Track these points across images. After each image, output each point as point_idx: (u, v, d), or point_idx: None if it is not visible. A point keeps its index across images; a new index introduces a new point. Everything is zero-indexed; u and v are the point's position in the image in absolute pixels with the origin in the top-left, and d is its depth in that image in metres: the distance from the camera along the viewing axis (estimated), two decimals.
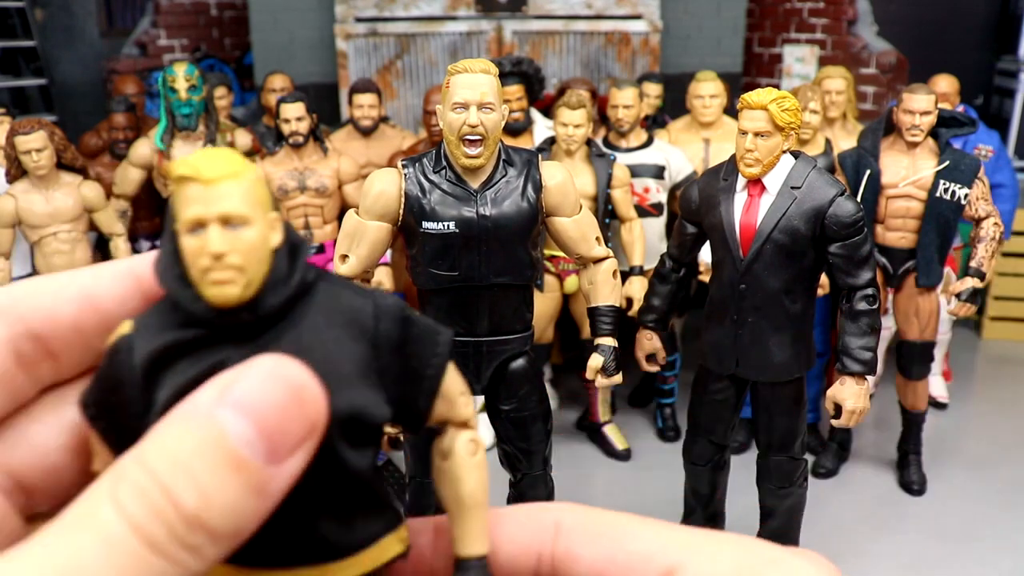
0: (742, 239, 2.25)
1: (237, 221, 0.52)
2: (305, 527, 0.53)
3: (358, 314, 0.57)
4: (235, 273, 0.51)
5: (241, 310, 0.52)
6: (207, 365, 0.51)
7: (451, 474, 0.63)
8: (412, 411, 0.59)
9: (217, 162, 0.52)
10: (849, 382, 2.22)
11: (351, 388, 0.54)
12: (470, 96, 1.91)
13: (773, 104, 2.13)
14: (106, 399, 0.54)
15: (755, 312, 2.27)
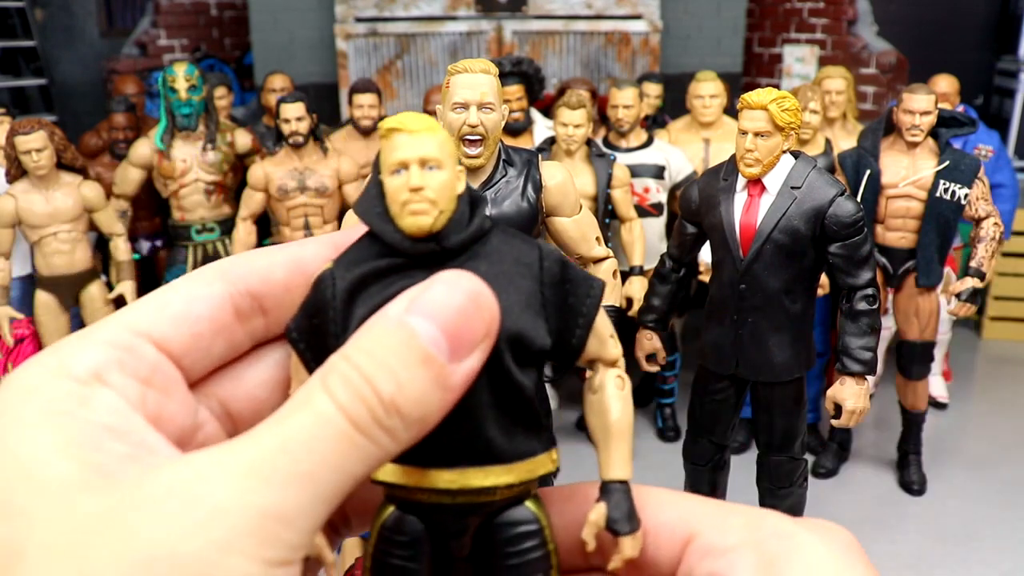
0: (742, 239, 2.25)
1: (433, 163, 0.64)
2: (474, 431, 0.62)
3: (526, 256, 0.67)
4: (429, 205, 0.63)
5: (430, 240, 0.64)
6: (397, 288, 0.62)
7: (600, 406, 0.72)
8: (568, 345, 0.68)
9: (419, 119, 0.65)
10: (849, 382, 2.22)
11: (519, 314, 0.64)
12: (470, 96, 1.91)
13: (773, 104, 2.13)
14: (309, 324, 0.64)
15: (755, 312, 2.27)
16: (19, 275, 3.53)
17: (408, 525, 0.66)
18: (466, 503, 0.65)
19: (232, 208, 3.71)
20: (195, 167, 3.60)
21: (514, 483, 0.65)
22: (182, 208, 3.65)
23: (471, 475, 0.64)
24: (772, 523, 0.49)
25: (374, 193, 0.67)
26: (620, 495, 0.71)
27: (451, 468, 0.63)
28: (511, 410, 0.64)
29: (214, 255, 3.72)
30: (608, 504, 0.70)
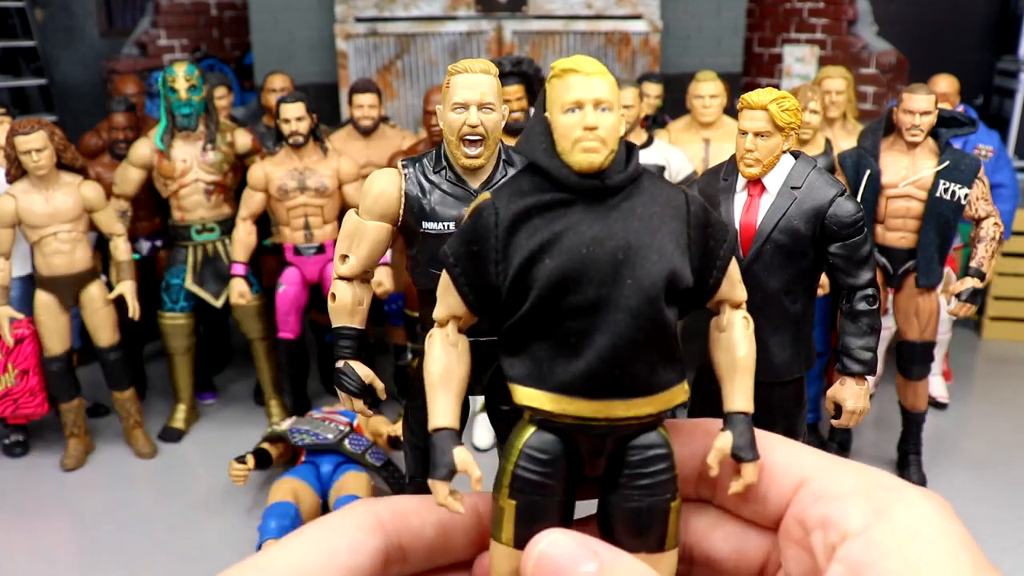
0: (742, 239, 2.24)
1: (605, 105, 0.69)
2: (623, 369, 0.68)
3: (675, 199, 0.72)
4: (600, 144, 0.67)
5: (594, 177, 0.68)
6: (561, 224, 0.67)
7: (727, 343, 0.83)
8: (705, 285, 0.75)
9: (591, 62, 0.70)
10: (849, 382, 2.22)
11: (672, 254, 0.69)
12: (470, 96, 1.91)
13: (773, 104, 2.13)
14: (467, 249, 0.72)
15: (755, 312, 2.22)
16: (19, 275, 3.54)
17: (549, 445, 0.70)
18: (606, 427, 0.69)
19: (232, 208, 3.71)
20: (195, 167, 3.60)
21: (653, 413, 0.70)
22: (182, 208, 3.65)
23: (616, 406, 0.68)
24: (881, 477, 0.52)
25: (539, 130, 0.71)
26: (744, 425, 0.80)
27: (598, 399, 0.68)
28: (656, 347, 0.69)
29: (214, 255, 3.72)
30: (733, 433, 0.79)
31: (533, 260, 0.68)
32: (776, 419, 2.40)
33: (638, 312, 0.67)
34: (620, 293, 0.67)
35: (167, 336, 3.75)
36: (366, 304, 2.07)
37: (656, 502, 0.71)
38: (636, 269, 0.67)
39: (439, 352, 0.77)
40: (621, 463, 0.72)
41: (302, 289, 3.60)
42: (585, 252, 0.67)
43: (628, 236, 0.68)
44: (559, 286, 0.67)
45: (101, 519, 3.19)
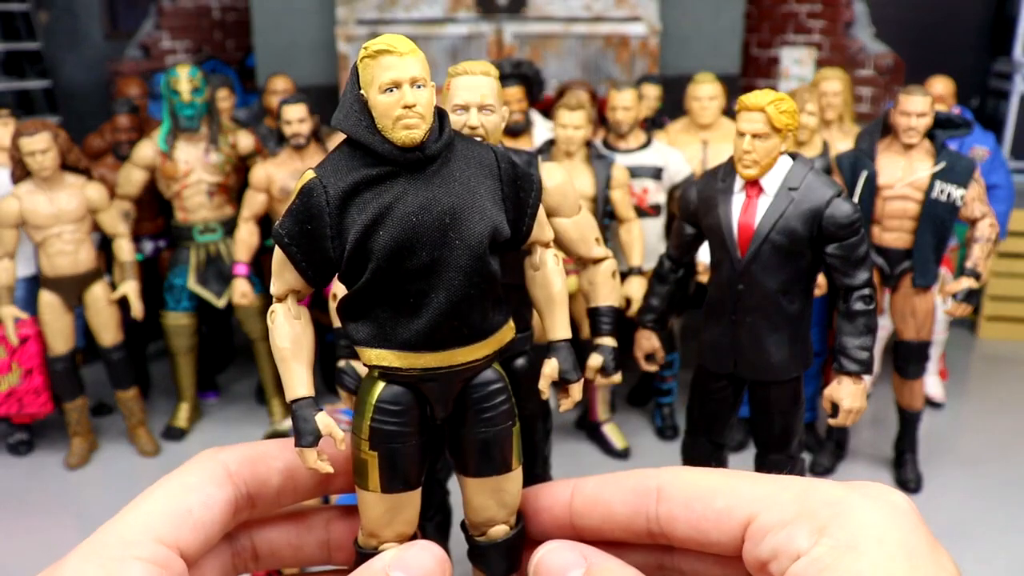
0: (740, 240, 2.26)
1: (420, 82, 0.73)
2: (461, 321, 0.75)
3: (486, 158, 0.78)
4: (420, 119, 0.73)
5: (415, 150, 0.73)
6: (389, 196, 0.73)
7: (543, 279, 0.88)
8: (520, 233, 0.81)
9: (403, 41, 0.73)
10: (846, 381, 2.23)
11: (491, 212, 0.75)
12: (470, 98, 1.93)
13: (771, 106, 2.15)
14: (301, 228, 0.75)
15: (753, 312, 2.29)
16: (24, 275, 3.56)
17: (400, 396, 0.78)
18: (449, 373, 0.77)
19: (234, 209, 3.74)
20: (198, 168, 3.62)
21: (490, 353, 0.78)
22: (185, 209, 3.68)
23: (457, 354, 0.76)
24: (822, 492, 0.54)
25: (357, 109, 0.75)
26: (566, 351, 0.90)
27: (441, 351, 0.75)
28: (487, 296, 0.77)
29: (216, 255, 3.75)
30: (559, 359, 0.90)
31: (368, 233, 0.73)
32: (774, 418, 2.42)
33: (469, 269, 0.74)
34: (451, 254, 0.73)
35: (170, 336, 3.77)
36: None
37: (500, 431, 0.79)
38: (462, 230, 0.74)
39: (284, 326, 0.82)
40: (465, 401, 0.79)
41: None
42: (415, 220, 0.73)
43: (451, 200, 0.74)
44: (395, 254, 0.73)
45: (105, 517, 3.18)
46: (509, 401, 0.80)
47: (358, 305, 0.78)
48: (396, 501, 0.77)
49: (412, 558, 0.64)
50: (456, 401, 0.80)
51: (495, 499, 0.80)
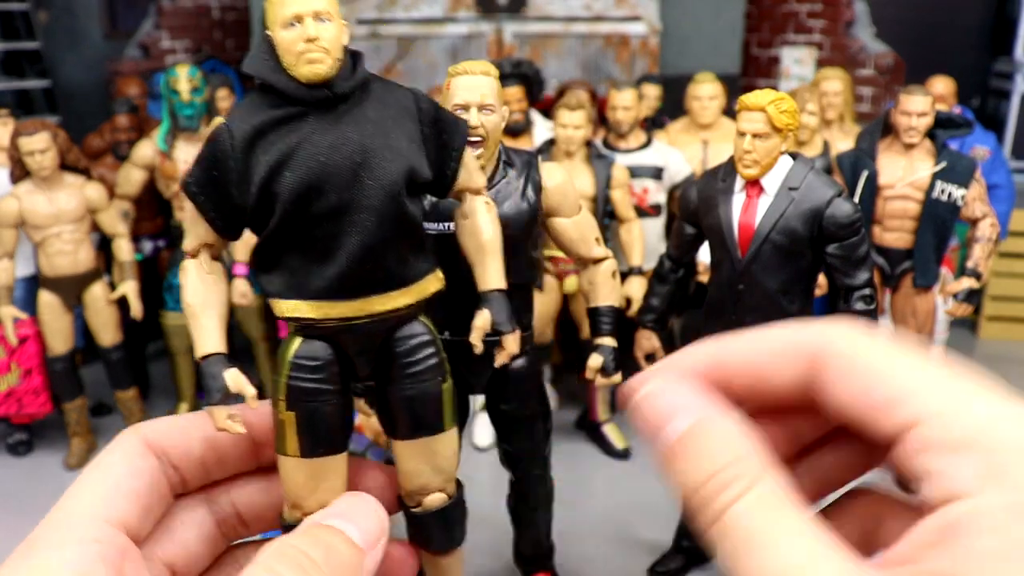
0: (740, 240, 2.26)
1: (325, 16, 0.70)
2: (375, 265, 0.71)
3: (405, 99, 0.74)
4: (324, 54, 0.70)
5: (322, 87, 0.70)
6: (295, 136, 0.69)
7: (473, 227, 0.85)
8: (444, 177, 0.76)
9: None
10: None
11: (408, 151, 0.72)
12: (470, 98, 1.93)
13: (771, 106, 2.14)
14: (207, 175, 0.71)
15: (753, 312, 2.28)
16: (23, 275, 3.56)
17: (318, 351, 0.73)
18: (368, 324, 0.72)
19: None
20: None
21: (411, 303, 0.74)
22: (184, 208, 3.66)
23: (374, 302, 0.72)
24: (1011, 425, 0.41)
25: (263, 48, 0.72)
26: (500, 301, 0.90)
27: (356, 298, 0.71)
28: (405, 239, 0.73)
29: None
30: (491, 310, 0.89)
31: (273, 175, 0.70)
32: None
33: (382, 209, 0.70)
34: (362, 194, 0.70)
35: (169, 336, 3.77)
36: None
37: (427, 387, 0.75)
38: (374, 169, 0.70)
39: (195, 281, 0.78)
40: (390, 356, 0.75)
41: None
42: (323, 160, 0.69)
43: (363, 139, 0.70)
44: (302, 196, 0.69)
45: None
46: (438, 356, 0.76)
47: (269, 254, 0.74)
48: (318, 467, 0.71)
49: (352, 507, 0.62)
50: (380, 357, 0.75)
51: (428, 463, 0.76)
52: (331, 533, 0.59)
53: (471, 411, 2.86)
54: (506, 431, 2.26)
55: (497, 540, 2.74)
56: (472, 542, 2.99)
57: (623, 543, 2.91)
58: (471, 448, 3.54)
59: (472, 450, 3.54)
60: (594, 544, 2.89)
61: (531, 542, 2.49)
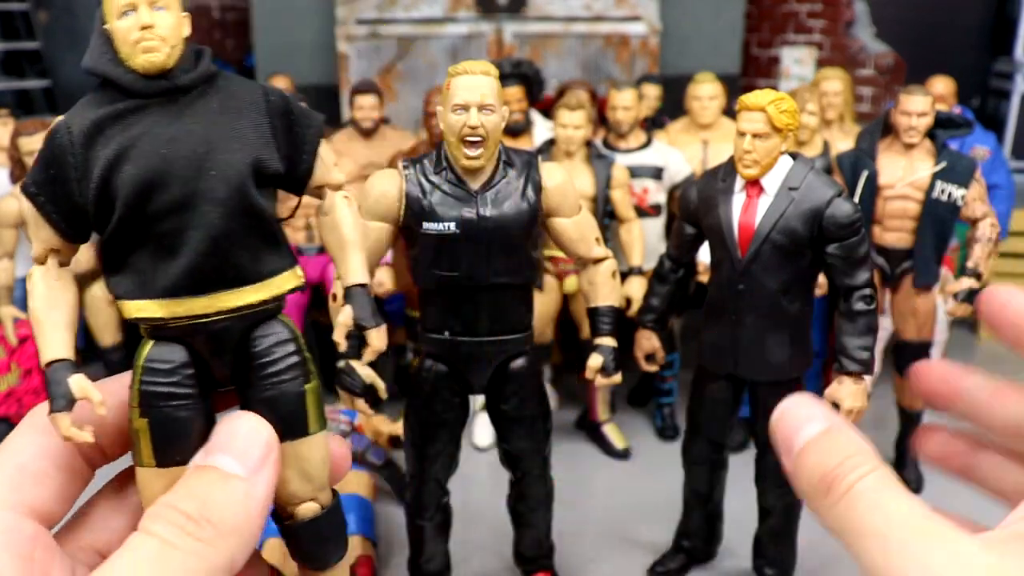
0: (740, 239, 2.26)
1: (161, 4, 0.69)
2: (223, 260, 0.68)
3: (253, 94, 0.73)
4: (160, 42, 0.68)
5: (162, 78, 0.68)
6: (137, 129, 0.67)
7: (333, 223, 0.81)
8: (298, 171, 0.75)
9: None
10: (847, 381, 2.23)
11: (255, 143, 0.70)
12: (470, 97, 1.93)
13: (771, 106, 2.14)
14: (47, 175, 0.69)
15: (753, 312, 2.28)
16: (23, 275, 3.56)
17: (169, 353, 0.70)
18: (220, 322, 0.70)
19: None
20: None
21: (266, 299, 0.71)
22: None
23: (224, 298, 0.69)
24: None
25: (101, 42, 0.70)
26: (362, 297, 0.83)
27: (205, 294, 0.68)
28: (255, 233, 0.70)
29: None
30: (354, 306, 0.82)
31: (112, 169, 0.68)
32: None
33: (228, 202, 0.68)
34: (206, 186, 0.68)
35: None
36: None
37: (288, 387, 0.71)
38: (219, 161, 0.68)
39: (41, 288, 0.75)
40: (247, 357, 0.72)
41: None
42: (164, 152, 0.67)
43: (207, 131, 0.69)
44: (143, 190, 0.67)
45: None
46: (299, 355, 0.72)
47: (114, 254, 0.71)
48: (176, 476, 0.66)
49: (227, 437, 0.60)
50: (237, 358, 0.72)
51: (295, 469, 0.71)
52: (207, 478, 0.58)
53: (471, 411, 2.86)
54: (506, 431, 2.26)
55: (497, 540, 2.74)
56: (472, 542, 2.99)
57: (623, 543, 2.90)
58: (471, 448, 3.54)
59: (472, 450, 3.53)
60: (594, 544, 2.89)
61: (531, 542, 2.49)
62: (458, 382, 2.17)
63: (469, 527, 2.82)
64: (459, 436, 2.27)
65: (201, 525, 0.54)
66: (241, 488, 0.58)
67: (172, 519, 0.53)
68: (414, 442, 2.24)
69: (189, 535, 0.53)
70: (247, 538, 0.57)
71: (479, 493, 3.14)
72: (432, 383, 2.16)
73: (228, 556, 0.54)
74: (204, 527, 0.54)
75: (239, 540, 0.55)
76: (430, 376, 2.16)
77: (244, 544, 0.56)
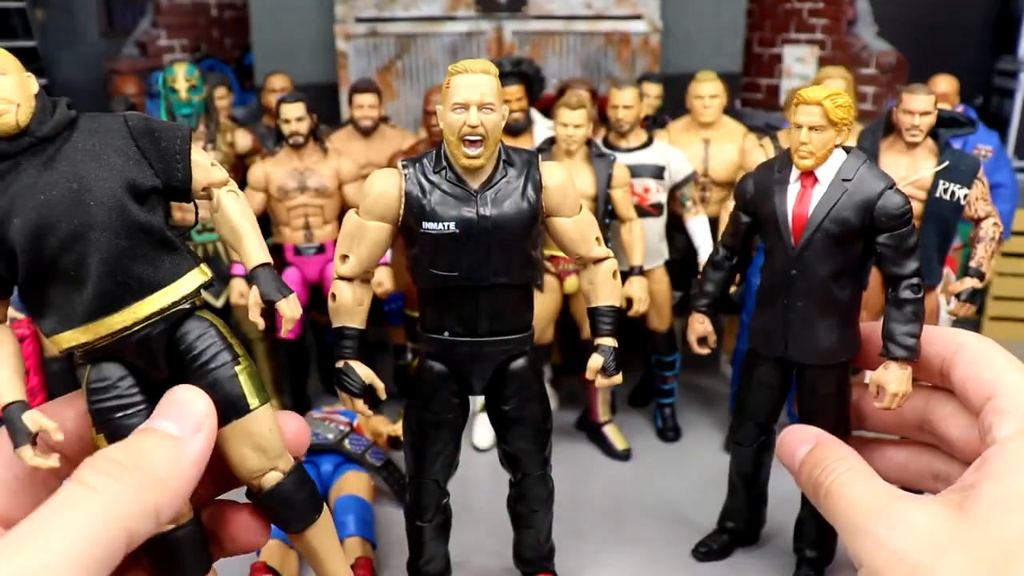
0: (794, 228, 2.36)
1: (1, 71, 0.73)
2: (125, 276, 0.75)
3: (113, 123, 0.78)
4: (7, 104, 0.73)
5: (23, 135, 0.74)
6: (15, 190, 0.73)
7: (223, 216, 0.88)
8: (178, 181, 0.82)
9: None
10: (893, 366, 2.29)
11: (122, 168, 0.76)
12: (470, 96, 1.91)
13: (828, 100, 2.27)
14: None
15: (804, 298, 2.37)
16: None
17: (106, 370, 0.78)
18: (141, 331, 0.77)
19: None
20: None
21: (176, 300, 0.78)
22: (182, 208, 3.65)
23: (136, 309, 0.76)
24: None
25: None
26: (265, 275, 0.90)
27: (118, 311, 0.75)
28: (147, 245, 0.78)
29: (214, 255, 3.73)
30: (259, 284, 0.90)
31: (4, 227, 0.74)
32: (821, 402, 2.48)
33: (112, 224, 0.75)
34: (89, 216, 0.74)
35: None
36: (366, 304, 2.07)
37: (218, 373, 0.78)
38: (93, 191, 0.75)
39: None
40: (177, 356, 0.79)
41: (302, 289, 3.60)
42: (43, 198, 0.74)
43: (77, 169, 0.75)
44: (35, 236, 0.74)
45: None
46: (223, 341, 0.80)
47: (33, 298, 0.78)
48: None
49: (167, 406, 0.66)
50: (170, 359, 0.79)
51: (248, 445, 0.78)
52: (144, 435, 0.64)
53: (471, 411, 2.85)
54: (506, 432, 2.24)
55: (497, 541, 2.73)
56: (472, 543, 2.98)
57: (624, 544, 2.89)
58: (471, 449, 3.53)
59: (472, 450, 3.52)
60: (594, 544, 2.87)
61: (531, 543, 2.47)
62: (458, 383, 2.16)
63: (469, 528, 2.80)
64: (459, 437, 2.25)
65: (130, 472, 0.58)
66: (174, 445, 0.64)
67: (102, 468, 0.58)
68: (413, 443, 2.23)
69: (116, 480, 0.57)
70: (175, 492, 0.61)
71: (479, 494, 3.12)
72: (432, 384, 2.14)
73: (152, 505, 0.58)
74: (133, 473, 0.58)
75: (166, 492, 0.60)
76: (429, 377, 2.14)
77: (171, 497, 0.60)
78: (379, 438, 3.31)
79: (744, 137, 3.70)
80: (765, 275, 2.49)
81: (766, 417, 2.62)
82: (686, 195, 3.55)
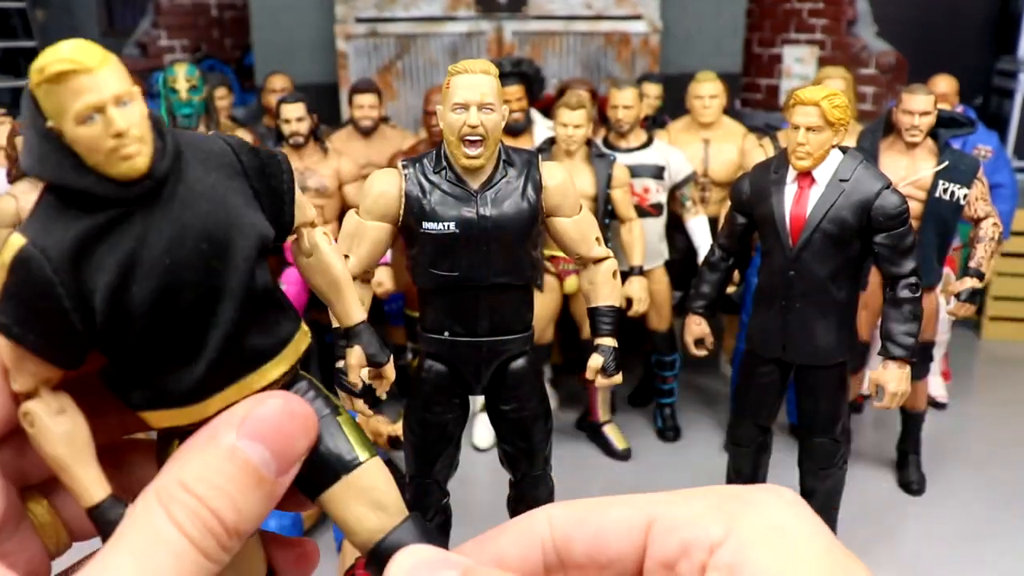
0: (792, 228, 2.36)
1: (126, 97, 0.56)
2: (245, 347, 0.63)
3: (223, 156, 0.64)
4: (139, 144, 0.57)
5: (145, 178, 0.57)
6: (128, 245, 0.58)
7: (321, 264, 0.77)
8: (283, 225, 0.70)
9: (90, 51, 0.55)
10: (892, 366, 2.32)
11: (250, 218, 0.63)
12: (470, 96, 1.91)
13: (825, 101, 2.26)
14: (30, 310, 0.58)
15: (803, 298, 2.38)
16: None
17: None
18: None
19: None
20: None
21: (286, 370, 0.66)
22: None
23: (251, 382, 0.64)
24: (723, 490, 0.51)
25: (53, 147, 0.57)
26: (367, 333, 0.82)
27: (229, 387, 0.62)
28: (264, 309, 0.65)
29: None
30: (363, 344, 0.81)
31: (117, 295, 0.59)
32: (820, 402, 2.48)
33: (239, 292, 0.62)
34: (218, 283, 0.61)
35: None
36: (366, 304, 2.07)
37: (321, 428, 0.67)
38: (225, 254, 0.61)
39: (50, 430, 0.64)
40: None
41: (302, 289, 3.60)
42: (168, 263, 0.59)
43: (203, 223, 0.60)
44: (156, 307, 0.59)
45: None
46: (319, 394, 0.68)
47: (127, 370, 0.64)
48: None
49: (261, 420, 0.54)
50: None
51: (364, 503, 0.67)
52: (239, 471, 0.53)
53: (471, 411, 2.85)
54: (506, 431, 2.24)
55: None
56: None
57: None
58: (471, 449, 3.53)
59: (472, 450, 3.52)
60: None
61: None
62: (458, 383, 2.16)
63: (469, 528, 2.80)
64: (459, 437, 2.26)
65: (232, 537, 0.50)
66: (271, 494, 0.54)
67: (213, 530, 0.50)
68: (414, 443, 2.23)
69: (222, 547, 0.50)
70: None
71: (479, 494, 3.12)
72: (432, 384, 2.14)
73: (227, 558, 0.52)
74: (233, 539, 0.51)
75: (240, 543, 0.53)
76: (430, 377, 2.14)
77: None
78: (379, 438, 3.31)
79: (744, 137, 3.70)
80: (763, 276, 2.48)
81: (765, 418, 2.61)
82: (686, 195, 3.55)
